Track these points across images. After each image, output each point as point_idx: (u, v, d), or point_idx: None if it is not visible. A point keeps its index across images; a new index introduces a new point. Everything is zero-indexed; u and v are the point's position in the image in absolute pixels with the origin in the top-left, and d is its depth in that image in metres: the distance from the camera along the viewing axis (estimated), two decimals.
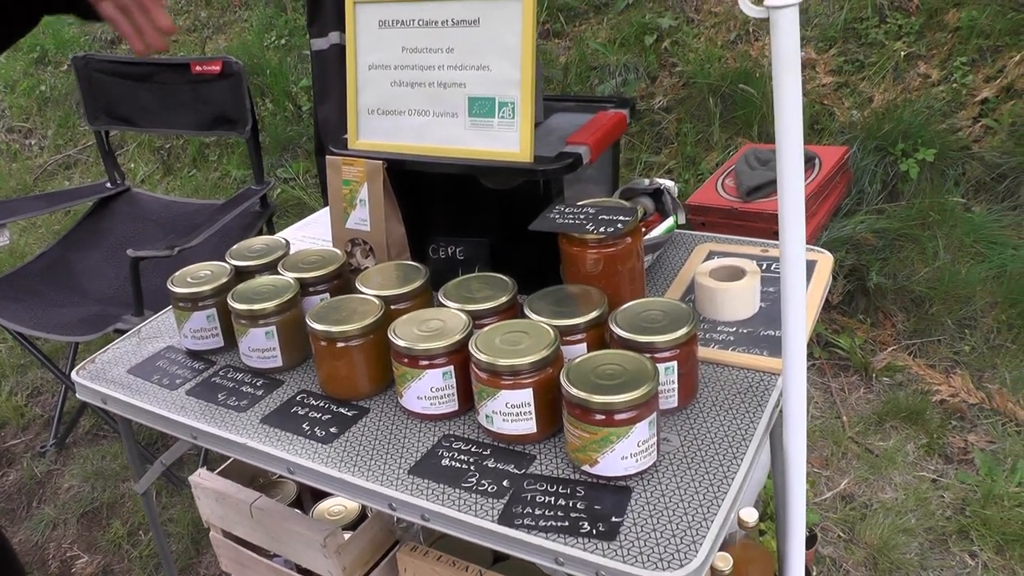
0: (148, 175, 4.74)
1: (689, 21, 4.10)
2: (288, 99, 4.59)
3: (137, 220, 3.08)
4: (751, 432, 1.18)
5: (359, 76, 1.55)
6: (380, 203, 1.48)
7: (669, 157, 3.65)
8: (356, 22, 1.53)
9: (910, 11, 3.70)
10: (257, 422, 1.31)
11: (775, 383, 1.27)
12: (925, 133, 3.19)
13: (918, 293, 2.82)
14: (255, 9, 5.21)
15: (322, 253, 1.52)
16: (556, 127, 1.56)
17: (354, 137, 1.56)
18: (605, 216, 1.29)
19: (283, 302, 1.38)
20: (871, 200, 3.14)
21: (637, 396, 1.05)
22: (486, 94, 1.42)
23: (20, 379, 3.38)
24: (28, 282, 2.84)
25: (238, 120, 2.77)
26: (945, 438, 2.44)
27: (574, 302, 1.27)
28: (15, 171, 5.07)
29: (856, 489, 2.33)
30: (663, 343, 1.16)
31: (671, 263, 1.63)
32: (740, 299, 1.40)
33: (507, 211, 1.48)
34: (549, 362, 1.14)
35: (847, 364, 2.76)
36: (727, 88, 3.66)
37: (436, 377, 1.21)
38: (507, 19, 1.39)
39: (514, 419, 1.16)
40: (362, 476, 1.17)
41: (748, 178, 2.90)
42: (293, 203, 4.14)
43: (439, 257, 1.56)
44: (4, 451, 3.05)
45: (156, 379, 1.47)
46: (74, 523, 2.70)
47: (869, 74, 3.60)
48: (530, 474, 1.13)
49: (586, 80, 3.99)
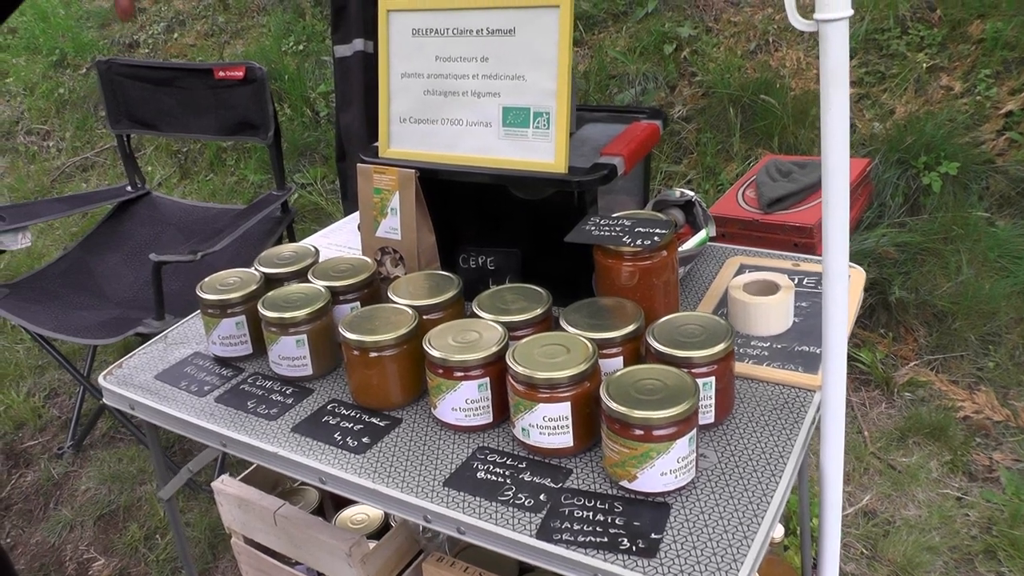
0: (165, 178, 4.75)
1: (708, 30, 4.10)
2: (306, 104, 4.60)
3: (157, 224, 3.08)
4: (788, 449, 1.17)
5: (391, 84, 1.54)
6: (412, 212, 1.47)
7: (689, 167, 3.64)
8: (389, 30, 1.53)
9: (932, 22, 3.69)
10: (288, 431, 1.30)
11: (811, 399, 1.26)
12: (948, 146, 3.18)
13: (940, 308, 2.81)
14: (273, 14, 5.22)
15: (352, 261, 1.51)
16: (589, 137, 1.55)
17: (385, 145, 1.55)
18: (641, 229, 1.28)
19: (314, 310, 1.37)
20: (893, 213, 3.13)
21: (678, 412, 1.04)
22: (521, 104, 1.41)
23: (38, 380, 3.38)
24: (48, 284, 2.85)
25: (260, 126, 2.77)
26: (969, 455, 2.42)
27: (610, 315, 1.26)
28: (33, 173, 5.09)
29: (879, 505, 2.32)
30: (701, 358, 1.15)
31: (702, 276, 1.62)
32: (774, 314, 1.39)
33: (539, 221, 1.47)
34: (587, 376, 1.13)
35: (868, 378, 2.74)
36: (747, 98, 3.65)
37: (471, 389, 1.20)
38: (543, 29, 1.38)
39: (551, 432, 1.15)
40: (396, 487, 1.16)
41: (769, 190, 2.89)
42: (311, 208, 4.15)
43: (469, 267, 1.55)
44: (22, 452, 3.05)
45: (184, 385, 1.46)
46: (91, 525, 2.70)
47: (891, 86, 3.58)
48: (567, 488, 1.12)
49: (605, 89, 3.99)
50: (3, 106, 5.68)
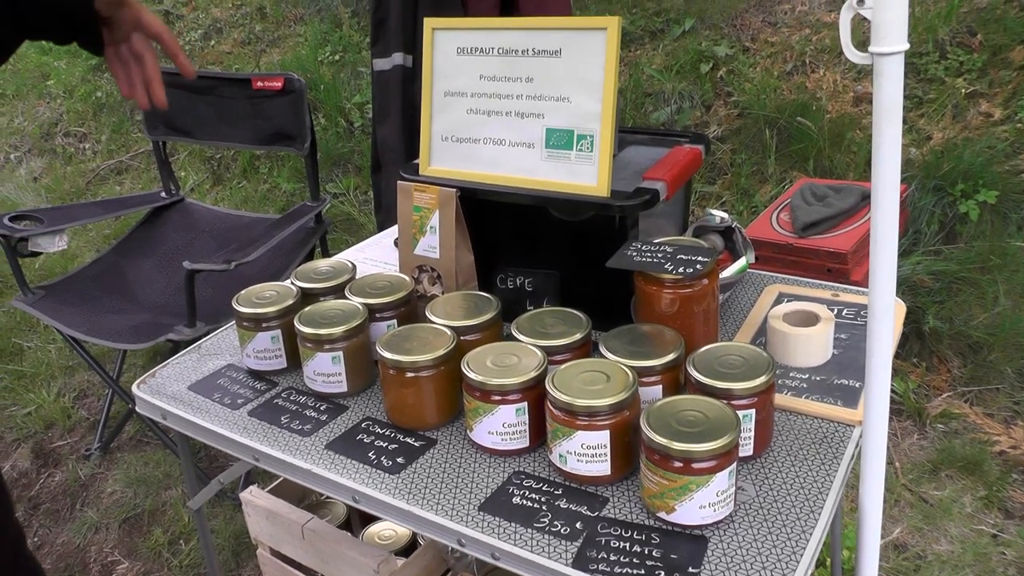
0: (198, 184, 4.79)
1: (745, 50, 4.08)
2: (341, 115, 4.62)
3: (190, 230, 3.10)
4: (828, 485, 1.15)
5: (434, 102, 1.54)
6: (451, 231, 1.47)
7: (723, 188, 3.62)
8: (434, 47, 1.53)
9: (973, 47, 3.66)
10: (322, 447, 1.30)
11: (850, 435, 1.24)
12: (986, 174, 3.14)
13: (976, 339, 2.77)
14: (310, 24, 5.26)
15: (390, 279, 1.51)
16: (631, 160, 1.55)
17: (426, 163, 1.55)
18: (684, 256, 1.27)
19: (351, 328, 1.37)
20: (928, 241, 3.10)
21: (719, 445, 1.03)
22: (564, 126, 1.41)
23: (68, 381, 3.41)
24: (82, 287, 2.87)
25: (297, 136, 2.78)
26: (1005, 491, 2.38)
27: (649, 342, 1.25)
28: (69, 174, 5.15)
29: (910, 539, 2.28)
30: (742, 390, 1.14)
31: (740, 304, 1.60)
32: (814, 345, 1.38)
33: (578, 243, 1.46)
34: (627, 405, 1.12)
35: (900, 408, 2.71)
36: (783, 120, 3.63)
37: (509, 413, 1.20)
38: (589, 51, 1.38)
39: (589, 460, 1.14)
40: (431, 510, 1.15)
41: (804, 214, 2.87)
42: (342, 219, 4.16)
43: (507, 287, 1.54)
44: (51, 452, 3.07)
45: (217, 397, 1.46)
46: (116, 528, 2.71)
47: (928, 111, 3.55)
48: (604, 517, 1.11)
49: (640, 107, 3.98)
50: (43, 108, 5.75)
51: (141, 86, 1.34)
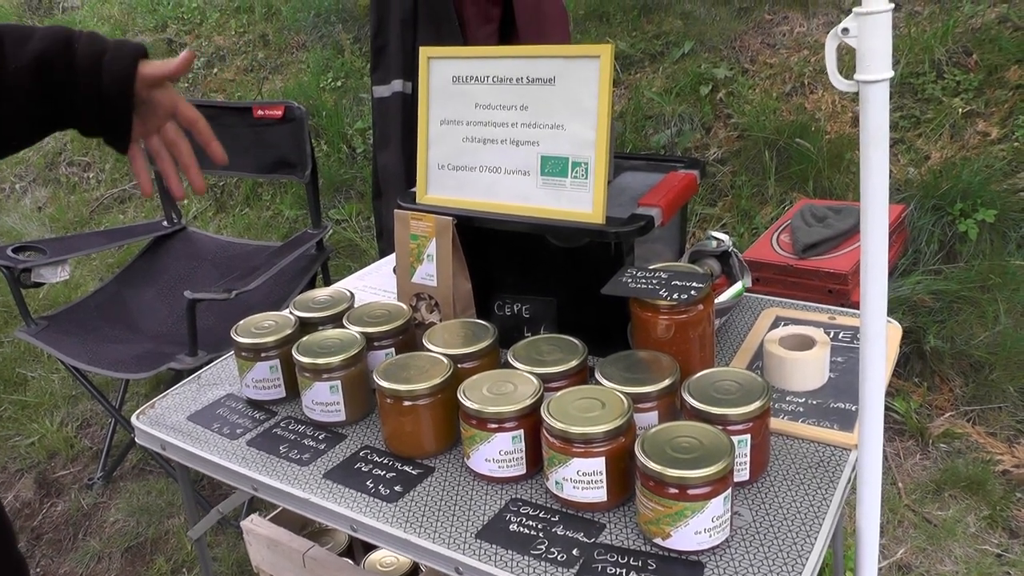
0: (201, 212, 4.81)
1: (744, 72, 4.10)
2: (343, 141, 4.64)
3: (192, 259, 3.11)
4: (824, 509, 1.15)
5: (430, 131, 1.55)
6: (448, 259, 1.48)
7: (724, 210, 3.63)
8: (429, 76, 1.54)
9: (969, 67, 3.67)
10: (320, 477, 1.30)
11: (847, 459, 1.24)
12: (985, 193, 3.15)
13: (977, 358, 2.77)
14: (312, 51, 5.30)
15: (388, 307, 1.52)
16: (627, 186, 1.56)
17: (423, 191, 1.56)
18: (678, 282, 1.28)
19: (349, 357, 1.37)
20: (928, 260, 3.10)
21: (713, 472, 1.03)
22: (559, 153, 1.42)
23: (71, 410, 3.41)
24: (84, 317, 2.88)
25: (298, 164, 2.80)
26: (1009, 511, 2.37)
27: (645, 368, 1.25)
28: (73, 203, 5.18)
29: (914, 559, 2.27)
30: (737, 416, 1.14)
31: (737, 328, 1.61)
32: (810, 369, 1.38)
33: (575, 270, 1.47)
34: (622, 431, 1.13)
35: (903, 428, 2.71)
36: (783, 142, 3.64)
37: (505, 441, 1.20)
38: (583, 79, 1.39)
39: (585, 487, 1.14)
40: (428, 538, 1.15)
41: (804, 235, 2.88)
42: (345, 245, 4.17)
43: (504, 314, 1.55)
44: (53, 481, 3.07)
45: (216, 427, 1.47)
46: (118, 557, 2.70)
47: (926, 131, 3.56)
48: (600, 543, 1.11)
49: (641, 129, 4.00)
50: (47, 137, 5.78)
51: (175, 175, 1.29)
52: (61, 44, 1.15)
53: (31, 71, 1.12)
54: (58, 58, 1.14)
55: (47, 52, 1.13)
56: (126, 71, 1.16)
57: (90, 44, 1.16)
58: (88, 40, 1.17)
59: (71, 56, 1.14)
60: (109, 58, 1.15)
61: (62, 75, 1.14)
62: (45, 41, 1.14)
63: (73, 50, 1.15)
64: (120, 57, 1.16)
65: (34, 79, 1.13)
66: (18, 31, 1.15)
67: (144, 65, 1.18)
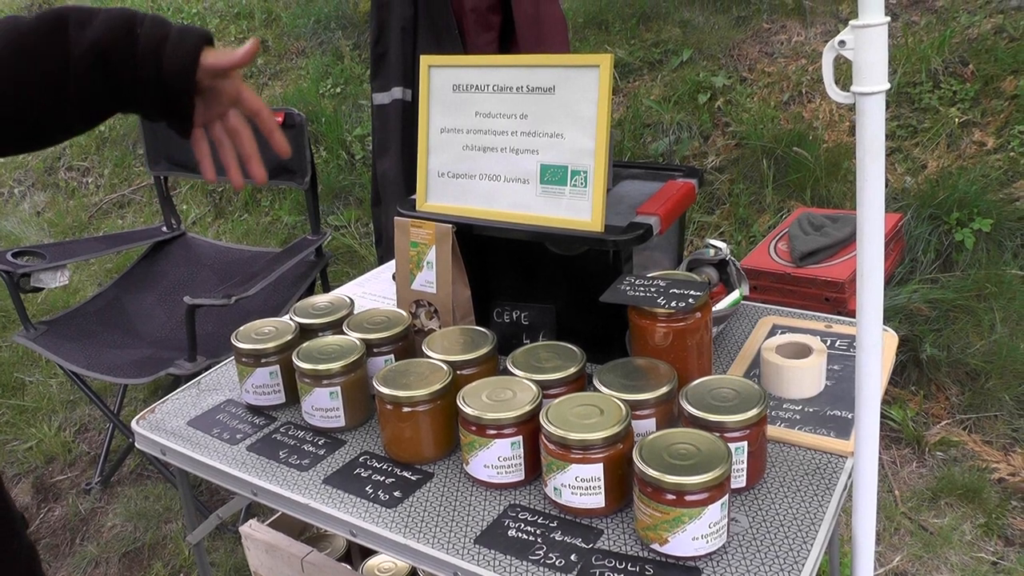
0: (200, 217, 4.82)
1: (743, 80, 4.12)
2: (342, 147, 4.65)
3: (191, 265, 3.12)
4: (820, 516, 1.16)
5: (431, 139, 1.56)
6: (448, 266, 1.49)
7: (722, 218, 3.64)
8: (430, 85, 1.55)
9: (965, 77, 3.69)
10: (319, 482, 1.31)
11: (843, 466, 1.25)
12: (981, 202, 3.16)
13: (973, 367, 2.78)
14: (312, 57, 5.31)
15: (388, 314, 1.53)
16: (625, 195, 1.57)
17: (423, 199, 1.57)
18: (676, 290, 1.29)
19: (349, 363, 1.38)
20: (924, 269, 3.11)
21: (711, 478, 1.04)
22: (559, 162, 1.43)
23: (69, 415, 3.42)
24: (83, 322, 2.89)
25: (297, 171, 2.81)
26: (1005, 519, 2.38)
27: (643, 376, 1.26)
28: (72, 208, 5.18)
29: (910, 567, 2.28)
30: (734, 423, 1.15)
31: (735, 336, 1.62)
32: (807, 377, 1.39)
33: (574, 278, 1.48)
34: (620, 438, 1.13)
35: (899, 436, 2.72)
36: (781, 150, 3.66)
37: (504, 447, 1.21)
38: (583, 88, 1.40)
39: (583, 493, 1.15)
40: (427, 543, 1.16)
41: (802, 243, 2.89)
42: (343, 251, 4.18)
43: (503, 321, 1.56)
44: (51, 486, 3.08)
45: (216, 433, 1.47)
46: (116, 562, 2.71)
47: (923, 140, 3.58)
48: (598, 549, 1.12)
49: (639, 137, 4.01)
50: None
51: (236, 165, 1.26)
52: (122, 30, 1.12)
53: (92, 57, 1.10)
54: (119, 44, 1.11)
55: (107, 38, 1.11)
56: (188, 60, 1.13)
57: (152, 30, 1.13)
58: (151, 24, 1.14)
59: (132, 43, 1.12)
60: (171, 46, 1.12)
61: (123, 62, 1.12)
62: (106, 25, 1.12)
63: (135, 36, 1.12)
64: (182, 45, 1.13)
65: (95, 65, 1.10)
66: (82, 13, 1.13)
67: (207, 54, 1.15)
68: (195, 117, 1.19)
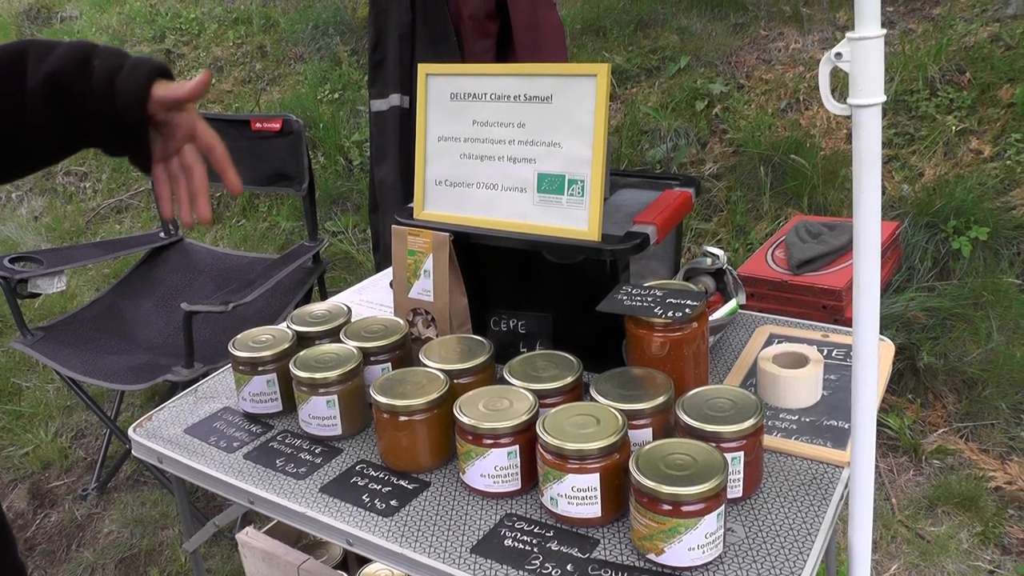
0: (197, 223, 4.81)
1: (740, 87, 4.13)
2: (340, 153, 4.66)
3: (189, 271, 3.12)
4: (816, 526, 1.16)
5: (428, 147, 1.56)
6: (445, 275, 1.49)
7: (719, 225, 3.65)
8: (428, 93, 1.56)
9: (962, 85, 3.70)
10: (316, 491, 1.31)
11: (839, 476, 1.25)
12: (978, 210, 3.17)
13: (970, 375, 2.78)
14: (310, 63, 5.32)
15: (385, 322, 1.53)
16: (622, 204, 1.57)
17: (420, 207, 1.58)
18: (673, 300, 1.29)
19: (346, 372, 1.38)
20: (921, 277, 3.12)
21: (707, 489, 1.04)
22: (556, 171, 1.43)
23: (65, 421, 3.41)
24: (80, 328, 2.89)
25: (295, 177, 2.81)
26: (1002, 527, 2.39)
27: (640, 386, 1.26)
28: (69, 213, 5.18)
29: (906, 575, 2.28)
30: (730, 433, 1.15)
31: (732, 345, 1.62)
32: (804, 387, 1.39)
33: (571, 286, 1.48)
34: (616, 448, 1.13)
35: (896, 444, 2.72)
36: (778, 157, 3.66)
37: (501, 456, 1.21)
38: (580, 97, 1.40)
39: (579, 502, 1.15)
40: (423, 553, 1.16)
41: (799, 251, 2.89)
42: (341, 257, 4.18)
43: (500, 330, 1.56)
44: (47, 492, 3.07)
45: (213, 440, 1.47)
46: (112, 569, 2.70)
47: (920, 148, 3.59)
48: (594, 559, 1.12)
49: (637, 144, 4.02)
50: None
51: (187, 201, 1.23)
52: (79, 61, 1.12)
53: (48, 86, 1.10)
54: (74, 74, 1.11)
55: (64, 69, 1.11)
56: (138, 92, 1.12)
57: (107, 61, 1.13)
58: (107, 56, 1.13)
59: (88, 74, 1.11)
60: (123, 77, 1.11)
61: (76, 94, 1.11)
62: (63, 58, 1.12)
63: (91, 67, 1.12)
64: (134, 77, 1.12)
65: (49, 96, 1.10)
66: (42, 46, 1.13)
67: (159, 86, 1.13)
68: (154, 152, 1.18)
